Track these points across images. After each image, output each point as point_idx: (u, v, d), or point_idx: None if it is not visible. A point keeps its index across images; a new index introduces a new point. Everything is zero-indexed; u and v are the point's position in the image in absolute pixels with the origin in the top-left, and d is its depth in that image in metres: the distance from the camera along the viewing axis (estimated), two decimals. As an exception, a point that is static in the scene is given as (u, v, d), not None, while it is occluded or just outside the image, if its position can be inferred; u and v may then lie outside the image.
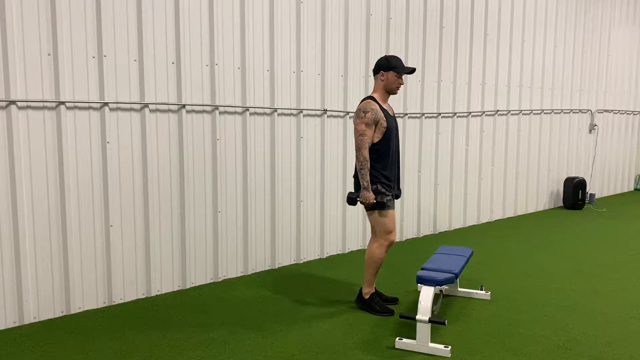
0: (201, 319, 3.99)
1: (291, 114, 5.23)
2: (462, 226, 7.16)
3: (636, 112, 10.42)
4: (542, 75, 8.11)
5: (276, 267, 5.27)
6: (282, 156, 5.20)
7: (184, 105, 4.47)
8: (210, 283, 4.80)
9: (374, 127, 3.92)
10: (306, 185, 5.42)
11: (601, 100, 9.44)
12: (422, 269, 3.86)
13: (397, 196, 4.19)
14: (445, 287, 4.56)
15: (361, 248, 5.99)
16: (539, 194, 8.43)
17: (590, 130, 9.30)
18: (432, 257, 4.20)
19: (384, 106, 4.05)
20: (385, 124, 3.95)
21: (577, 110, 8.93)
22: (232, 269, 4.95)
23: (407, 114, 6.23)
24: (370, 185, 3.91)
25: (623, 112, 10.05)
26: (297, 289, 4.69)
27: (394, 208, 4.06)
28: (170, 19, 4.35)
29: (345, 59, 5.59)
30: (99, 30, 3.98)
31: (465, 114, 6.98)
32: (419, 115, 6.38)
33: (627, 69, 10.01)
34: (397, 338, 3.54)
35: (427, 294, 3.52)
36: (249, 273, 5.07)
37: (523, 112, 7.85)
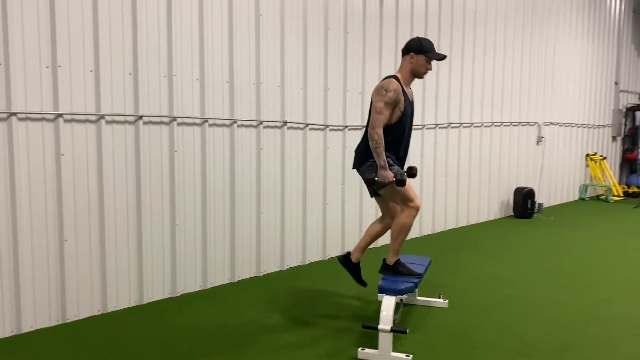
0: (160, 335, 3.90)
1: (251, 126, 5.22)
2: (418, 235, 7.28)
3: (579, 125, 10.91)
4: (492, 88, 8.39)
5: (236, 280, 5.21)
6: (242, 168, 5.17)
7: (141, 117, 4.39)
8: (169, 298, 4.70)
9: (392, 107, 3.79)
10: (266, 197, 5.40)
11: (547, 113, 9.84)
12: (383, 279, 3.91)
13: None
14: (404, 295, 4.62)
15: (321, 259, 6.01)
16: (490, 203, 8.69)
17: (537, 142, 9.67)
18: (392, 267, 4.26)
19: (407, 90, 3.92)
20: (402, 109, 3.83)
21: (525, 123, 9.28)
22: (190, 283, 4.87)
23: (364, 126, 6.30)
24: (387, 163, 3.77)
25: (568, 124, 10.50)
26: (258, 302, 4.65)
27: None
28: (127, 28, 4.27)
29: (305, 71, 5.63)
30: (53, 40, 3.87)
31: (420, 127, 7.14)
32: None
33: (571, 83, 10.49)
34: (360, 348, 3.56)
35: (388, 303, 3.56)
36: (208, 287, 5.00)
37: (474, 124, 8.09)
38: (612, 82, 12.10)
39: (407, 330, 3.48)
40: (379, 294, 4.69)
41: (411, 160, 7.02)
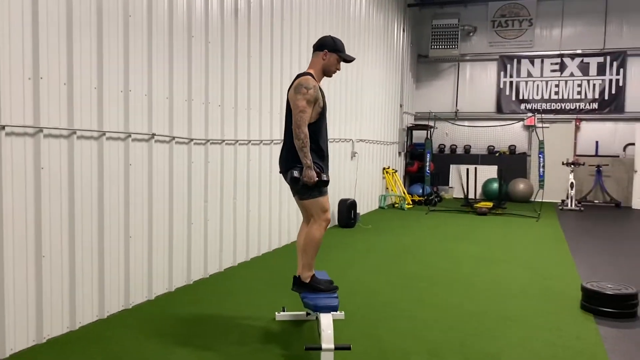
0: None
1: (119, 138, 4.61)
2: (257, 255, 7.16)
3: (378, 142, 12.12)
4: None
5: (105, 316, 4.51)
6: (110, 187, 4.53)
7: (3, 127, 3.55)
8: (34, 346, 3.86)
9: (313, 105, 3.74)
10: (134, 220, 4.81)
11: (359, 131, 10.72)
12: (306, 297, 3.83)
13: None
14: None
15: (186, 284, 5.56)
16: (319, 215, 9.06)
17: (352, 157, 10.46)
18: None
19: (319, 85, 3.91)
20: (322, 104, 3.84)
21: (344, 140, 9.97)
22: (57, 325, 4.07)
23: (224, 140, 6.07)
24: (313, 163, 3.74)
25: (371, 141, 11.59)
26: (145, 339, 4.12)
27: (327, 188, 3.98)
28: (-14, 16, 3.43)
29: (170, 80, 5.19)
30: None
31: (258, 142, 7.15)
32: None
33: (373, 104, 11.62)
34: (300, 372, 3.44)
35: (327, 322, 3.51)
36: (77, 328, 4.23)
37: (308, 140, 8.39)
38: (397, 105, 13.75)
39: (350, 345, 3.47)
40: (277, 314, 4.59)
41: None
